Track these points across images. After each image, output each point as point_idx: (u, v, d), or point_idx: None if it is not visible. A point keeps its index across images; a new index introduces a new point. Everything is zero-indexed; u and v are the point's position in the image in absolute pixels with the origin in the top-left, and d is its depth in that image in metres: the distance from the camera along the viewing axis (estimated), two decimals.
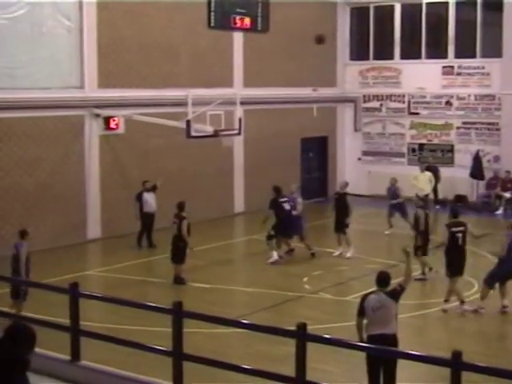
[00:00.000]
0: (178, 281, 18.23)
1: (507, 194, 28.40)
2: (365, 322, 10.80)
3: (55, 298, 13.19)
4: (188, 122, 21.25)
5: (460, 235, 16.20)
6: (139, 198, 22.60)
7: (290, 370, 9.41)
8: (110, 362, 11.29)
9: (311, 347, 9.49)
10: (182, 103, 22.45)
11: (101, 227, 23.73)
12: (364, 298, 10.94)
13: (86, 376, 10.80)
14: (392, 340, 10.56)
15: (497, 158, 29.49)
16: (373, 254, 21.16)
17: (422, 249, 18.72)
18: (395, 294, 10.84)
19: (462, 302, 16.00)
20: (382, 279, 10.96)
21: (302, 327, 9.28)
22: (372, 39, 32.46)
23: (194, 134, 21.54)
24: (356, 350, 10.53)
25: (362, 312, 10.82)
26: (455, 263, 16.14)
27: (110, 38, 23.59)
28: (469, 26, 30.28)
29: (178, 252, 18.19)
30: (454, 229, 16.25)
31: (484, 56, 30.07)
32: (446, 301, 16.13)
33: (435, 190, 28.54)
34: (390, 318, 10.71)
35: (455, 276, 16.16)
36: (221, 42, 26.98)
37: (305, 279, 18.68)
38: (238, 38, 27.70)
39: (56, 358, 11.16)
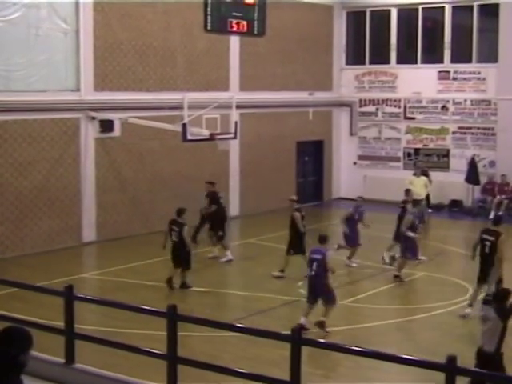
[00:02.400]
0: (185, 286, 18.19)
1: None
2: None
3: (50, 301, 13.16)
4: (184, 126, 21.24)
5: (488, 243, 15.87)
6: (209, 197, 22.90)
7: (285, 374, 9.41)
8: (104, 365, 11.27)
9: (306, 351, 9.49)
10: (178, 106, 22.48)
11: (96, 230, 23.70)
12: None
13: (81, 379, 10.78)
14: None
15: (492, 163, 29.53)
16: (367, 259, 21.15)
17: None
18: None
19: (470, 306, 15.96)
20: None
21: (297, 331, 9.28)
22: (368, 44, 32.48)
23: (189, 137, 21.53)
24: (351, 355, 10.52)
25: None
26: (479, 269, 16.04)
27: (106, 41, 23.59)
28: (465, 31, 30.33)
29: (184, 258, 18.12)
30: (483, 235, 16.11)
31: (480, 61, 30.11)
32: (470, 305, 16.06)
33: (427, 195, 28.50)
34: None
35: (478, 282, 16.04)
36: (217, 45, 26.99)
37: (300, 283, 18.66)
38: (234, 41, 27.70)
39: (50, 360, 11.13)
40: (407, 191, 22.24)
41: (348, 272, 20.07)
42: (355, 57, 33.08)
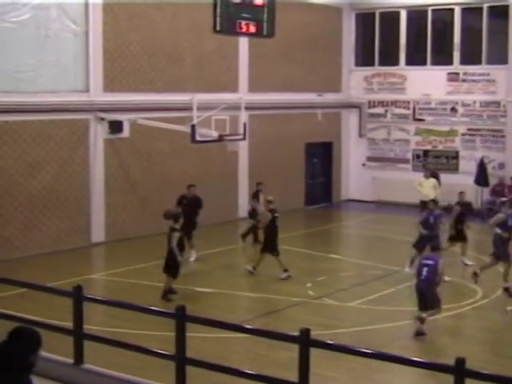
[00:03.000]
0: (166, 295, 17.26)
1: None
2: None
3: (59, 302, 13.19)
4: (193, 127, 21.27)
5: None
6: (255, 196, 23.30)
7: (293, 376, 9.40)
8: (113, 365, 11.29)
9: (314, 353, 9.48)
10: (187, 108, 22.52)
11: (105, 231, 23.74)
12: None
13: (89, 379, 10.81)
14: None
15: (501, 165, 29.47)
16: (376, 260, 21.14)
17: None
18: None
19: None
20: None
21: (305, 333, 9.27)
22: (377, 45, 32.46)
23: (198, 138, 21.56)
24: (359, 357, 10.51)
25: None
26: None
27: (115, 42, 23.63)
28: (474, 33, 30.29)
29: (172, 265, 17.73)
30: None
31: (489, 63, 30.06)
32: None
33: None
34: None
35: None
36: (226, 46, 27.00)
37: (308, 285, 18.66)
38: (243, 42, 27.71)
39: (59, 361, 11.15)
40: (461, 194, 22.27)
41: (357, 273, 20.04)
42: (364, 58, 33.06)
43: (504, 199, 28.09)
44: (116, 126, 23.69)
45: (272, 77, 28.78)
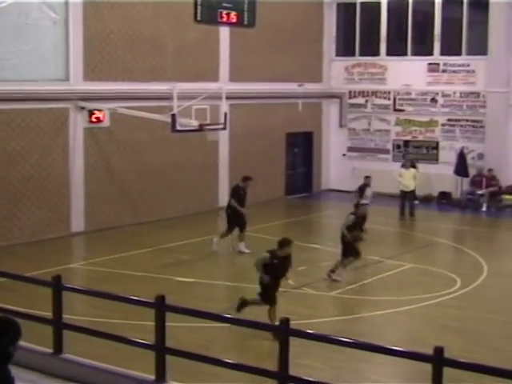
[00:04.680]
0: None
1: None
2: None
3: (38, 291, 13.14)
4: (173, 116, 21.20)
5: None
6: (361, 191, 23.74)
7: (273, 365, 9.42)
8: (92, 355, 11.26)
9: (294, 342, 9.50)
10: (167, 97, 22.42)
11: (84, 220, 23.65)
12: None
13: (69, 369, 10.78)
14: None
15: (481, 156, 29.58)
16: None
17: None
18: None
19: None
20: None
21: (285, 322, 9.29)
22: (358, 35, 32.46)
23: (179, 128, 21.50)
24: (340, 346, 10.54)
25: None
26: None
27: (95, 31, 23.50)
28: (455, 24, 30.36)
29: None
30: None
31: (469, 54, 30.14)
32: None
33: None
34: None
35: None
36: (207, 36, 26.93)
37: (288, 274, 18.65)
38: (224, 32, 27.64)
39: (38, 350, 11.13)
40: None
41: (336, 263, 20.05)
42: (345, 48, 33.05)
43: (483, 191, 28.42)
44: (96, 115, 23.55)
45: (253, 66, 28.73)
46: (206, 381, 11.08)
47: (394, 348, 9.56)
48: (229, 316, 11.97)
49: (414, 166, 27.95)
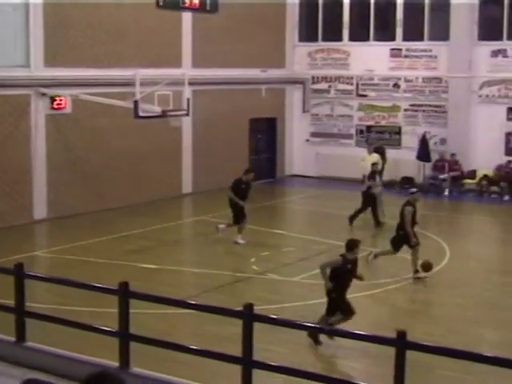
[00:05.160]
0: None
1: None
2: None
3: (0, 280, 13.04)
4: (136, 102, 21.10)
5: None
6: (371, 177, 23.24)
7: (237, 351, 9.45)
8: (56, 343, 11.21)
9: (259, 327, 9.53)
10: (129, 83, 22.27)
11: (47, 207, 23.48)
12: None
13: (32, 357, 10.71)
14: None
15: (443, 141, 29.80)
16: (320, 235, 21.28)
17: None
18: None
19: None
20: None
21: (249, 308, 9.31)
22: (321, 21, 32.47)
23: (141, 114, 21.41)
24: (304, 331, 10.60)
25: None
26: None
27: (56, 16, 23.26)
28: (417, 10, 30.46)
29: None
30: None
31: (431, 39, 30.31)
32: None
33: (381, 172, 28.64)
34: None
35: None
36: (169, 21, 26.76)
37: (252, 260, 18.73)
38: (186, 18, 27.51)
39: (1, 339, 11.05)
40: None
41: (301, 248, 20.14)
42: (308, 34, 33.05)
43: (445, 175, 28.67)
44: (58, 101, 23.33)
45: (216, 52, 28.64)
46: (171, 367, 11.08)
47: (358, 332, 9.63)
48: (193, 302, 11.97)
49: (380, 151, 28.11)
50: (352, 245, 13.29)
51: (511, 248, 21.29)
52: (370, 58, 31.15)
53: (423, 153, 29.32)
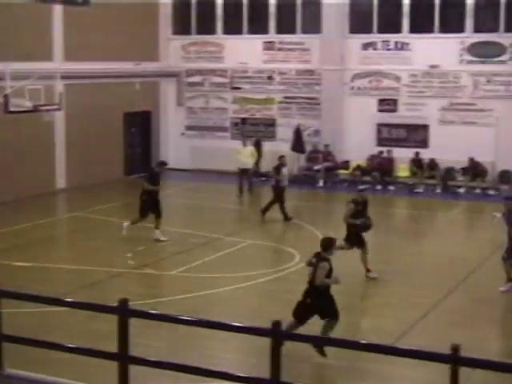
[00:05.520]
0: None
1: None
2: None
3: None
4: (6, 97, 20.64)
5: None
6: (278, 171, 22.76)
7: (114, 347, 9.36)
8: None
9: (136, 323, 9.47)
10: None
11: None
12: None
13: None
14: None
15: (317, 132, 30.28)
16: (197, 228, 21.32)
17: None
18: None
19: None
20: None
21: (124, 303, 9.24)
22: (194, 14, 32.44)
23: (12, 109, 20.98)
24: (180, 324, 10.58)
25: None
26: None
27: None
28: (289, 3, 30.80)
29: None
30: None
31: (304, 32, 30.72)
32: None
33: (257, 164, 28.91)
34: None
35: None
36: (39, 14, 26.17)
37: (128, 255, 18.60)
38: (57, 10, 26.99)
39: None
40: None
41: (178, 242, 20.11)
42: (181, 27, 32.97)
43: (319, 166, 29.19)
44: None
45: (88, 46, 28.18)
46: (46, 367, 10.89)
47: (235, 324, 9.68)
48: (67, 299, 11.78)
49: (257, 144, 28.33)
50: (328, 244, 13.05)
51: (382, 235, 21.70)
52: (243, 51, 31.34)
53: (297, 144, 29.72)
